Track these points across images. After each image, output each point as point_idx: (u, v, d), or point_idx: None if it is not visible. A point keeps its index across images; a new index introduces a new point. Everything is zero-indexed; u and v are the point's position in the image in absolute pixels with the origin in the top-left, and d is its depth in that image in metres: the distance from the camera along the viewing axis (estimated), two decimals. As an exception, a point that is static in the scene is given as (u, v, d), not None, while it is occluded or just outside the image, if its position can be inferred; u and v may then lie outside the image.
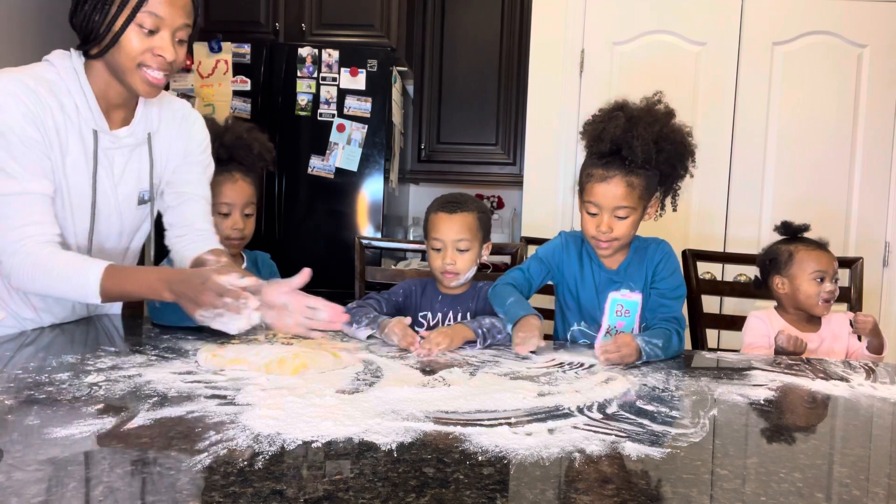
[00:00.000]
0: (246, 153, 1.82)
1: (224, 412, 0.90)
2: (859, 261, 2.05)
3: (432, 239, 1.66)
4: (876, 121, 2.96)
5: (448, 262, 1.63)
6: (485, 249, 1.72)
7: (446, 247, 1.64)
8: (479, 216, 1.67)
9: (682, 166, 1.54)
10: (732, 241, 3.01)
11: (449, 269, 1.64)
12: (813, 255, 1.75)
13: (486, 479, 0.71)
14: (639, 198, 1.49)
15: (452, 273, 1.64)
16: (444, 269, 1.64)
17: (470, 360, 1.29)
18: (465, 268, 1.65)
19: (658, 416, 0.97)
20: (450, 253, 1.63)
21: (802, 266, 1.75)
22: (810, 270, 1.74)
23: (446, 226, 1.64)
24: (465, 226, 1.64)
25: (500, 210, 3.84)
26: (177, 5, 1.30)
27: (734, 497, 0.70)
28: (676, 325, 1.46)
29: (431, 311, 1.71)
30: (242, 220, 1.80)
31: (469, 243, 1.64)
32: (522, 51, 3.36)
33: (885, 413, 1.07)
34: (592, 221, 1.52)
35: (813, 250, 1.77)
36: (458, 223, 1.63)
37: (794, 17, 2.97)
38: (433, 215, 1.68)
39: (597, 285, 1.60)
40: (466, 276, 1.67)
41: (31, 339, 1.33)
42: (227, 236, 1.77)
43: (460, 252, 1.64)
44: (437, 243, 1.65)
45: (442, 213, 1.65)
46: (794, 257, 1.77)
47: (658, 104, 1.54)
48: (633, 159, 1.45)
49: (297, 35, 3.17)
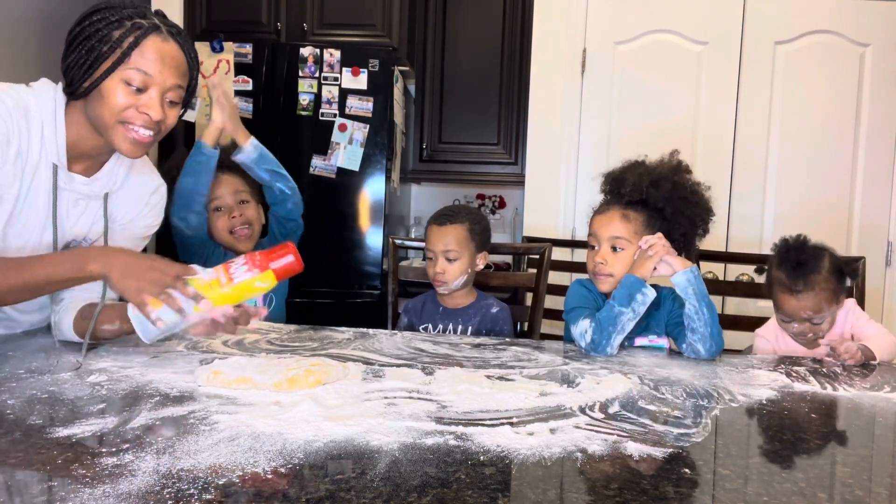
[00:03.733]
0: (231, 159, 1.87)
1: (226, 412, 0.90)
2: (861, 260, 2.04)
3: (427, 249, 1.81)
4: (878, 120, 2.96)
5: (438, 270, 1.77)
6: (480, 259, 1.82)
7: (437, 256, 1.77)
8: (470, 228, 1.79)
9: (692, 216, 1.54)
10: (734, 241, 3.01)
11: (439, 278, 1.77)
12: (783, 298, 1.64)
13: (487, 478, 0.71)
14: (634, 232, 1.51)
15: (442, 281, 1.77)
16: (435, 277, 1.78)
17: (472, 360, 1.29)
18: (453, 277, 1.77)
19: (660, 416, 0.97)
20: (439, 262, 1.77)
21: (777, 300, 1.67)
22: (781, 309, 1.67)
23: (436, 237, 1.78)
24: (454, 237, 1.76)
25: (502, 210, 3.84)
26: (168, 65, 1.22)
27: (736, 497, 0.70)
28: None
29: (432, 322, 1.83)
30: (238, 207, 1.87)
31: (457, 253, 1.76)
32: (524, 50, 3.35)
33: (887, 413, 1.07)
34: (592, 255, 1.56)
35: (785, 294, 1.64)
36: (448, 235, 1.77)
37: (796, 17, 2.97)
38: (428, 227, 1.83)
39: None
40: (456, 283, 1.79)
41: (32, 339, 1.33)
42: (230, 228, 1.85)
43: (449, 262, 1.76)
44: (430, 253, 1.80)
45: (434, 224, 1.80)
46: (773, 289, 1.68)
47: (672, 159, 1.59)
48: (624, 191, 1.52)
49: (298, 35, 3.17)
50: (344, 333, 1.51)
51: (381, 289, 2.98)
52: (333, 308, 2.95)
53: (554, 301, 2.20)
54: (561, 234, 3.06)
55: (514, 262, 3.48)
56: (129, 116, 1.21)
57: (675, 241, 1.53)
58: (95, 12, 1.21)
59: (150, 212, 1.45)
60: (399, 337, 1.51)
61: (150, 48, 1.20)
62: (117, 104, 1.20)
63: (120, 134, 1.22)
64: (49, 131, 1.24)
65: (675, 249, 1.50)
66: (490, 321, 1.81)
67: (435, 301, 1.85)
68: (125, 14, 1.20)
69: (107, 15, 1.19)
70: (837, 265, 1.64)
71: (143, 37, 1.19)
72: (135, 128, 1.22)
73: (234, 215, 1.86)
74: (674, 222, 1.53)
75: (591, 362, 1.33)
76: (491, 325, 1.80)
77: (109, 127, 1.22)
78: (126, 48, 1.18)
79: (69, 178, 1.28)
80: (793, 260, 1.65)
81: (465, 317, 1.81)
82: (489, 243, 1.87)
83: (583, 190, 3.06)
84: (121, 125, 1.22)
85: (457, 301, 1.83)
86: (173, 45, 1.23)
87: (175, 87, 1.25)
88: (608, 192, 1.61)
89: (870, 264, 2.25)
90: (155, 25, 1.21)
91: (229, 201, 1.86)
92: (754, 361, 1.42)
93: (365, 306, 2.98)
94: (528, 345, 1.49)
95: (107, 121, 1.21)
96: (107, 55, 1.18)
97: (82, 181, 1.30)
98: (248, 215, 1.89)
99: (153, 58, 1.20)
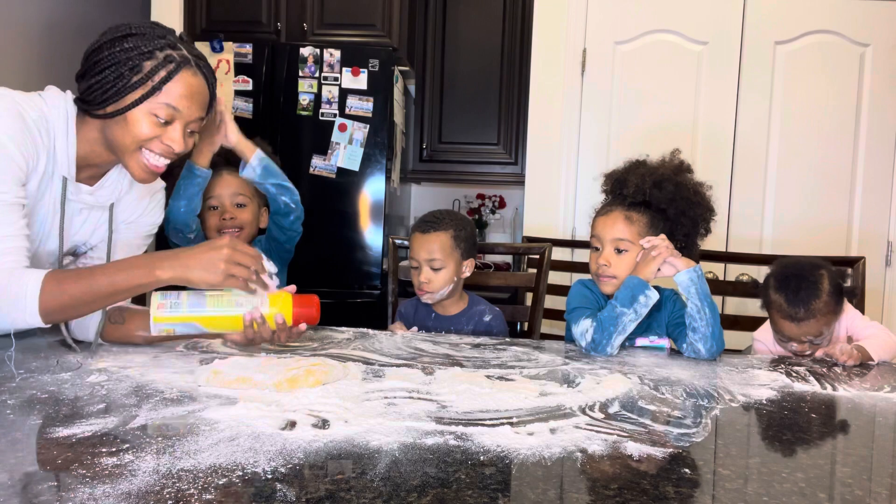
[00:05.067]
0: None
1: (226, 412, 0.90)
2: (861, 260, 2.04)
3: (410, 258, 1.75)
4: (878, 120, 2.96)
5: (422, 280, 1.71)
6: (466, 266, 1.76)
7: (421, 265, 1.72)
8: (454, 235, 1.72)
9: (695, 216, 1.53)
10: (734, 241, 3.01)
11: (424, 288, 1.72)
12: (781, 323, 1.61)
13: (487, 478, 0.71)
14: (637, 234, 1.50)
15: (426, 291, 1.72)
16: (420, 286, 1.72)
17: (472, 360, 1.29)
18: (438, 286, 1.72)
19: (660, 416, 0.97)
20: (423, 271, 1.71)
21: (776, 323, 1.64)
22: (780, 331, 1.64)
23: (420, 245, 1.72)
24: (438, 245, 1.70)
25: (502, 210, 3.84)
26: (195, 100, 1.23)
27: (736, 497, 0.70)
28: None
29: (424, 329, 1.77)
30: (232, 210, 1.83)
31: (442, 262, 1.70)
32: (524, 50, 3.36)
33: (887, 413, 1.07)
34: (595, 257, 1.55)
35: (785, 320, 1.60)
36: (432, 243, 1.71)
37: (796, 17, 2.97)
38: (412, 235, 1.76)
39: None
40: (441, 293, 1.73)
41: (32, 339, 1.33)
42: (220, 228, 1.81)
43: (434, 271, 1.70)
44: (414, 262, 1.74)
45: (417, 232, 1.74)
46: (771, 312, 1.65)
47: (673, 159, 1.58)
48: (627, 192, 1.51)
49: (298, 35, 3.17)
50: (344, 333, 1.51)
51: (381, 289, 2.98)
52: (333, 308, 2.95)
53: (554, 301, 2.20)
54: (561, 234, 3.06)
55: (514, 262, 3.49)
56: (151, 145, 1.22)
57: (678, 242, 1.52)
58: (126, 38, 1.19)
59: (154, 210, 1.45)
60: (399, 337, 1.52)
61: (180, 83, 1.20)
62: (142, 134, 1.20)
63: (137, 160, 1.23)
64: (61, 143, 1.22)
65: (678, 250, 1.49)
66: (484, 329, 1.76)
67: (427, 306, 1.80)
68: (157, 45, 1.19)
69: (139, 44, 1.18)
70: (837, 285, 1.60)
71: (175, 72, 1.19)
72: (154, 155, 1.23)
73: (226, 217, 1.82)
74: (677, 223, 1.53)
75: (591, 362, 1.33)
76: (485, 334, 1.74)
77: (128, 152, 1.22)
78: (157, 82, 1.18)
79: (77, 189, 1.28)
80: (793, 288, 1.59)
81: (457, 325, 1.77)
82: (475, 249, 1.81)
83: (583, 190, 3.06)
84: (138, 151, 1.22)
85: (448, 308, 1.79)
86: (200, 80, 1.24)
87: (198, 120, 1.26)
88: (610, 192, 1.61)
89: (870, 264, 2.25)
90: (186, 59, 1.21)
91: (225, 202, 1.83)
92: (754, 361, 1.42)
93: (365, 306, 2.98)
94: (528, 345, 1.49)
95: (128, 146, 1.21)
96: (136, 85, 1.17)
97: (88, 191, 1.30)
98: (242, 219, 1.84)
99: (182, 93, 1.20)
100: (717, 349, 1.42)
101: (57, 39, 3.03)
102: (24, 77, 2.86)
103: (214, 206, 1.83)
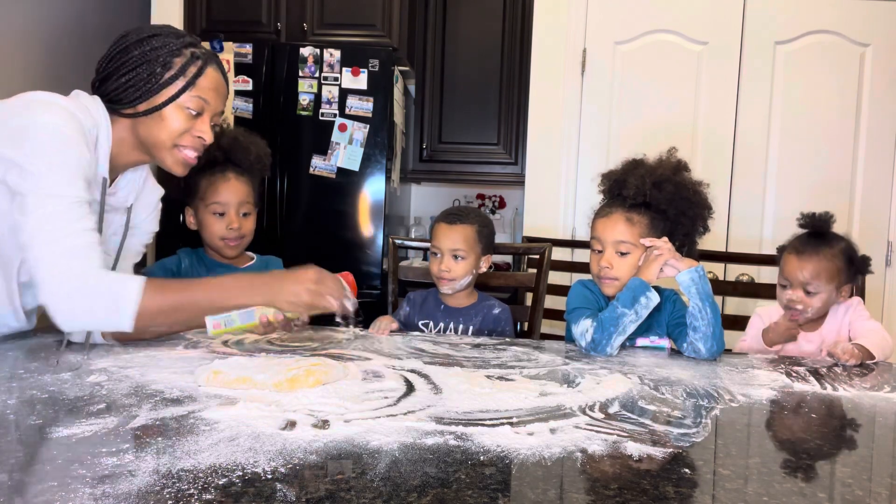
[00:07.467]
0: (243, 156, 1.78)
1: (226, 412, 0.90)
2: (862, 260, 2.04)
3: (433, 246, 1.80)
4: (878, 120, 2.96)
5: (444, 268, 1.76)
6: (484, 262, 1.83)
7: (443, 254, 1.77)
8: (478, 230, 1.79)
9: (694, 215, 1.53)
10: (734, 241, 3.01)
11: (444, 276, 1.76)
12: (787, 259, 1.68)
13: (487, 478, 0.71)
14: (639, 235, 1.50)
15: (447, 279, 1.76)
16: (440, 274, 1.76)
17: (472, 360, 1.29)
18: (460, 275, 1.76)
19: (660, 416, 0.97)
20: (446, 260, 1.76)
21: (782, 262, 1.71)
22: (783, 271, 1.70)
23: (445, 235, 1.77)
24: (463, 237, 1.76)
25: (502, 210, 3.84)
26: (220, 92, 1.32)
27: (736, 497, 0.70)
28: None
29: (433, 319, 1.82)
30: (238, 220, 1.75)
31: (465, 253, 1.76)
32: (524, 50, 3.35)
33: (887, 413, 1.07)
34: (596, 258, 1.55)
35: (790, 255, 1.68)
36: (457, 234, 1.76)
37: (796, 17, 2.97)
38: (436, 225, 1.81)
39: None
40: (461, 283, 1.78)
41: (32, 339, 1.33)
42: (223, 236, 1.75)
43: (455, 260, 1.75)
44: (436, 250, 1.79)
45: (443, 223, 1.79)
46: (783, 253, 1.73)
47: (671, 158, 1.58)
48: (628, 193, 1.51)
49: (298, 35, 3.17)
50: (344, 333, 1.51)
51: (381, 289, 2.98)
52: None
53: (554, 301, 2.20)
54: (561, 234, 3.06)
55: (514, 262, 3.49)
56: (183, 140, 1.29)
57: (678, 241, 1.53)
58: (152, 37, 1.26)
59: (155, 218, 1.49)
60: (399, 337, 1.52)
61: (210, 77, 1.29)
62: (177, 128, 1.27)
63: (174, 156, 1.30)
64: (102, 145, 1.27)
65: (678, 249, 1.50)
66: (492, 321, 1.81)
67: (437, 298, 1.84)
68: (182, 43, 1.27)
69: (167, 42, 1.26)
70: (851, 254, 1.68)
71: (205, 66, 1.28)
72: (187, 150, 1.31)
73: (233, 227, 1.75)
74: (677, 223, 1.53)
75: (591, 362, 1.33)
76: (493, 326, 1.80)
77: (165, 148, 1.29)
78: (190, 77, 1.26)
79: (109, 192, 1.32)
80: (810, 232, 1.71)
81: (466, 316, 1.81)
82: (493, 248, 1.87)
83: (583, 190, 3.06)
84: (175, 148, 1.29)
85: (459, 301, 1.83)
86: (221, 75, 1.34)
87: (220, 113, 1.34)
88: (608, 192, 1.61)
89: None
90: (210, 55, 1.30)
91: (231, 211, 1.75)
92: (754, 361, 1.42)
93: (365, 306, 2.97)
94: (528, 345, 1.49)
95: (164, 142, 1.28)
96: (170, 81, 1.25)
97: (110, 192, 1.33)
98: (246, 228, 1.79)
99: (211, 87, 1.29)
100: (718, 349, 1.43)
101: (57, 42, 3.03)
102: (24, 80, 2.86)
103: (220, 212, 1.74)
